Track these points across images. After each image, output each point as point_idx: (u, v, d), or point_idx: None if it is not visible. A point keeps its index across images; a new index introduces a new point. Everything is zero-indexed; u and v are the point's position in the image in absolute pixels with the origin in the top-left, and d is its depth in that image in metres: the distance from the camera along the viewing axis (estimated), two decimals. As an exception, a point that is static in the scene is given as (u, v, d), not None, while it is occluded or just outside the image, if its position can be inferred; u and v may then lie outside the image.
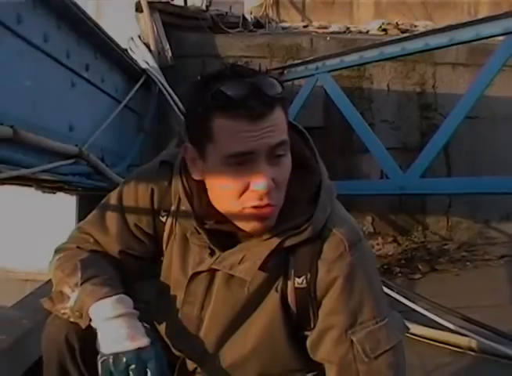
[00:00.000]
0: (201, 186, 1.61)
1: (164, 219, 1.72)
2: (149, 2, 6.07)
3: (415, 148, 6.09)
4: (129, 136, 5.21)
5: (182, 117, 5.30)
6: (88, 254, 1.74)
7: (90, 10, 5.12)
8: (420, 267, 5.53)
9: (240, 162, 1.46)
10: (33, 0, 2.93)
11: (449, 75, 6.62)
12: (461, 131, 4.79)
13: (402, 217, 6.41)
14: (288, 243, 1.56)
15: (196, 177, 1.60)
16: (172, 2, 6.91)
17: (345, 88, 5.68)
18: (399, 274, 5.44)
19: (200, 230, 1.61)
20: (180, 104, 5.35)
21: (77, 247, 1.78)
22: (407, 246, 6.22)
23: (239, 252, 1.59)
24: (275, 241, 1.55)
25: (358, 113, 5.23)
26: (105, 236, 1.76)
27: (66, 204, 5.15)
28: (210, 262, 1.63)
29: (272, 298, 1.62)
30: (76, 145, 3.57)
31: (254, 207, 1.49)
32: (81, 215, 5.12)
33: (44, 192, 3.94)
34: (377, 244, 6.16)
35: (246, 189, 1.48)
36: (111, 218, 1.77)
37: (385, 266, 5.61)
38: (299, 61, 5.88)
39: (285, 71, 5.88)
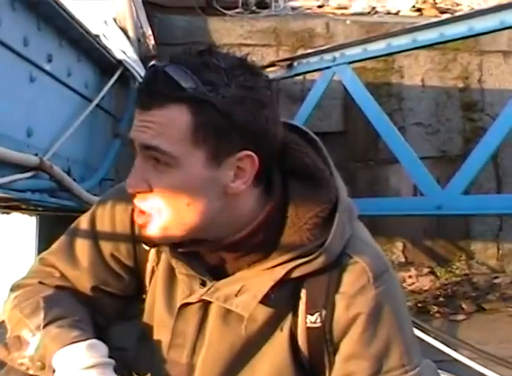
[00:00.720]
0: None
1: (147, 247, 1.71)
2: (126, -24, 6.10)
3: (456, 157, 6.14)
4: (102, 143, 5.23)
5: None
6: (53, 291, 1.72)
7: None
8: (464, 306, 5.52)
9: (135, 152, 1.54)
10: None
11: (500, 66, 6.67)
12: (513, 136, 4.78)
13: (441, 243, 6.42)
14: (296, 273, 1.55)
15: None
16: (155, -24, 6.86)
17: (369, 84, 5.71)
18: (437, 314, 5.44)
19: (177, 255, 1.63)
20: (164, 103, 5.38)
21: (40, 283, 1.76)
22: (447, 279, 6.19)
23: (237, 282, 1.59)
24: (280, 271, 1.54)
25: (386, 114, 5.23)
26: (74, 269, 1.75)
27: (23, 226, 5.15)
28: (201, 293, 1.62)
29: (279, 340, 1.61)
30: (36, 154, 3.56)
31: (133, 209, 1.63)
32: (43, 240, 5.12)
33: (-6, 212, 3.97)
34: (410, 277, 6.14)
35: None
36: (82, 247, 1.76)
37: (419, 304, 5.60)
38: (312, 50, 5.87)
39: (295, 63, 5.86)
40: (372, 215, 4.89)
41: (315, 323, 1.58)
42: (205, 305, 1.64)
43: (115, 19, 5.93)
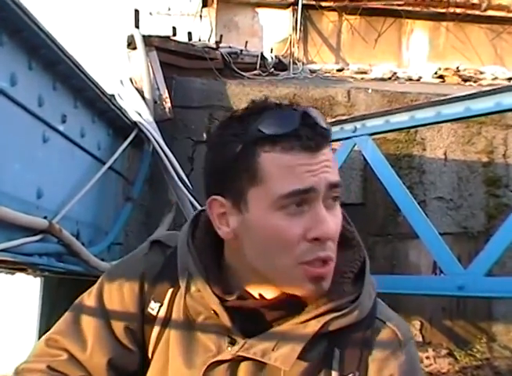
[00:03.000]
0: (219, 258, 1.65)
1: (154, 312, 1.71)
2: (144, 37, 6.20)
3: (478, 234, 6.14)
4: (113, 207, 5.27)
5: (180, 183, 5.35)
6: None
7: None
8: (484, 392, 5.49)
9: (298, 203, 1.47)
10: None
11: (525, 141, 6.71)
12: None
13: (461, 323, 6.37)
14: (332, 327, 1.57)
15: (228, 235, 1.59)
16: (173, 37, 6.97)
17: (390, 155, 5.75)
18: (456, 400, 5.39)
19: (221, 311, 1.59)
20: (179, 168, 5.40)
21: (48, 368, 1.70)
22: (467, 362, 6.13)
23: (271, 337, 1.58)
24: (315, 324, 1.56)
25: (406, 187, 5.22)
26: (83, 350, 1.71)
27: (27, 287, 5.16)
28: (235, 350, 1.59)
29: None
30: (45, 217, 3.61)
31: (310, 262, 1.49)
32: (46, 301, 5.13)
33: (-1, 272, 3.98)
34: (427, 358, 6.09)
35: (303, 238, 1.49)
36: (90, 325, 1.73)
37: (437, 388, 5.56)
38: (333, 120, 5.93)
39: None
40: (389, 292, 4.85)
41: None
42: (235, 363, 1.62)
43: (131, 80, 6.04)
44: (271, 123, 1.47)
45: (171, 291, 1.69)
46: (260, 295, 1.60)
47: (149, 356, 1.72)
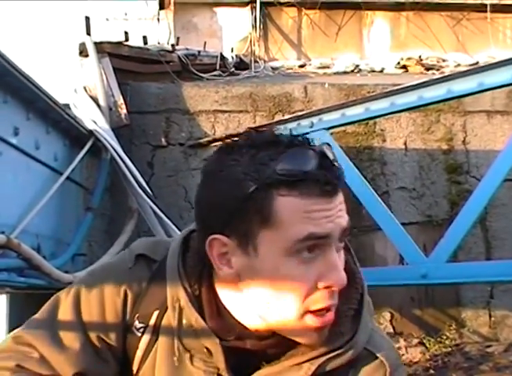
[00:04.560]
0: (214, 292, 1.59)
1: (139, 334, 1.66)
2: (96, 43, 6.17)
3: (443, 222, 6.20)
4: (74, 217, 5.27)
5: (139, 190, 5.37)
6: None
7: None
8: (456, 378, 5.52)
9: (310, 249, 1.42)
10: None
11: (484, 126, 6.78)
12: (502, 197, 4.82)
13: (430, 312, 6.44)
14: (327, 368, 1.55)
15: (229, 276, 1.52)
16: (127, 42, 6.88)
17: (350, 149, 5.80)
18: (428, 387, 5.44)
19: (216, 350, 1.55)
20: (138, 174, 5.41)
21: (17, 366, 1.64)
22: (437, 350, 6.15)
23: None
24: (309, 366, 1.54)
25: (368, 179, 5.27)
26: (58, 353, 1.65)
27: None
28: None
29: None
30: (2, 232, 3.60)
31: (317, 311, 1.45)
32: (13, 319, 5.09)
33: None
34: (398, 349, 6.06)
35: (315, 286, 1.44)
36: (66, 330, 1.68)
37: (410, 378, 5.58)
38: (290, 116, 5.94)
39: (272, 129, 5.87)
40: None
41: None
42: None
43: (85, 88, 6.02)
44: (288, 165, 1.41)
45: (156, 313, 1.65)
46: (256, 333, 1.54)
47: (133, 374, 1.69)
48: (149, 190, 5.43)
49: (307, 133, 5.44)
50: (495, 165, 4.51)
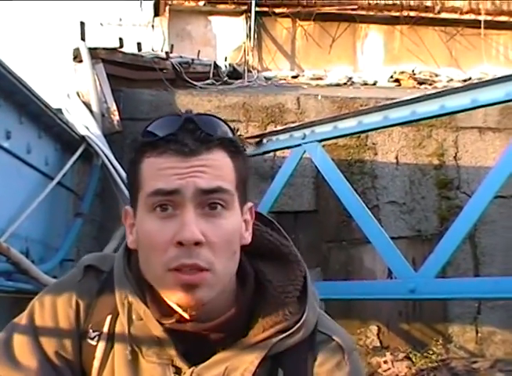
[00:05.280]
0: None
1: (94, 342, 1.66)
2: (90, 49, 6.17)
3: (432, 237, 6.23)
4: (63, 223, 5.27)
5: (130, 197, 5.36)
6: None
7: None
8: (442, 393, 5.53)
9: (164, 207, 1.48)
10: None
11: (476, 143, 6.81)
12: (492, 214, 4.83)
13: (417, 326, 6.45)
14: (280, 348, 1.59)
15: (131, 245, 1.60)
16: (121, 49, 6.90)
17: (341, 161, 5.81)
18: (414, 403, 5.43)
19: (163, 336, 1.58)
20: (129, 181, 5.41)
21: None
22: (423, 364, 6.16)
23: (218, 365, 1.58)
24: (263, 347, 1.57)
25: (359, 192, 5.28)
26: (15, 373, 1.64)
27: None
28: None
29: None
30: (-9, 236, 3.62)
31: (178, 268, 1.47)
32: (0, 323, 5.10)
33: None
34: (385, 362, 6.11)
35: (171, 243, 1.47)
36: (22, 348, 1.67)
37: (395, 392, 5.59)
38: (282, 127, 5.98)
39: (264, 140, 5.94)
40: (344, 298, 4.90)
41: None
42: None
43: (78, 93, 6.02)
44: (153, 129, 1.52)
45: (109, 317, 1.66)
46: (192, 317, 1.55)
47: None
48: (139, 197, 5.42)
49: (299, 145, 5.46)
50: (486, 182, 4.52)
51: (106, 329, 1.66)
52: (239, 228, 1.57)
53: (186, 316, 1.55)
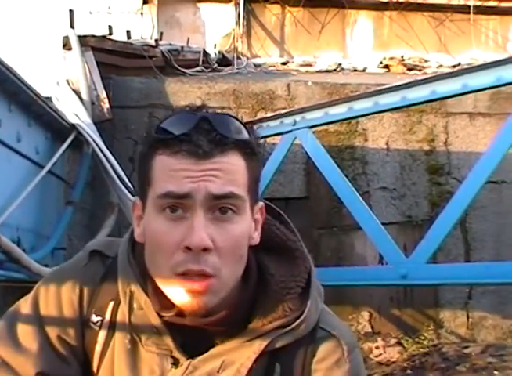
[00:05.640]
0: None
1: (96, 328, 1.67)
2: (80, 37, 6.16)
3: (423, 222, 6.25)
4: (54, 211, 5.26)
5: (121, 184, 5.37)
6: None
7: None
8: (433, 378, 5.54)
9: (174, 208, 1.47)
10: None
11: (466, 128, 6.83)
12: (482, 199, 4.84)
13: (409, 312, 6.48)
14: (278, 344, 1.59)
15: (138, 238, 1.60)
16: (110, 37, 6.89)
17: (332, 148, 5.81)
18: (405, 387, 5.45)
19: (162, 328, 1.58)
20: (119, 169, 5.40)
21: None
22: (415, 350, 6.17)
23: (215, 358, 1.59)
24: (261, 342, 1.57)
25: (349, 178, 5.28)
26: (18, 355, 1.65)
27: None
28: (178, 374, 1.59)
29: None
30: (-18, 225, 3.61)
31: (185, 274, 1.47)
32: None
33: None
34: (377, 348, 6.12)
35: (178, 246, 1.47)
36: (25, 331, 1.68)
37: (387, 377, 5.61)
38: (272, 114, 5.97)
39: (255, 126, 5.81)
40: (335, 285, 4.91)
41: None
42: None
43: (68, 81, 6.00)
44: (166, 127, 1.50)
45: (112, 303, 1.67)
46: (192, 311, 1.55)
47: (94, 371, 1.69)
48: (130, 185, 5.42)
49: (289, 131, 5.46)
50: (477, 167, 4.53)
51: (108, 315, 1.68)
52: (249, 231, 1.57)
53: (186, 310, 1.54)
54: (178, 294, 1.50)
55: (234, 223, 1.50)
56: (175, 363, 1.61)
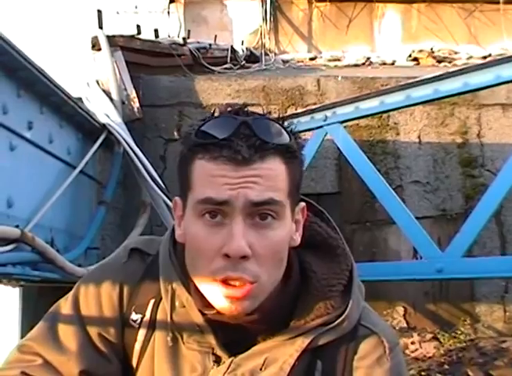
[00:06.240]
0: None
1: (136, 325, 1.69)
2: (108, 37, 6.21)
3: (457, 216, 6.20)
4: (87, 211, 5.30)
5: (152, 183, 5.38)
6: None
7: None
8: (470, 373, 5.47)
9: (213, 214, 1.46)
10: None
11: (499, 120, 6.77)
12: (517, 191, 4.79)
13: (444, 306, 6.43)
14: (320, 342, 1.59)
15: (179, 238, 1.60)
16: (139, 36, 6.93)
17: (363, 142, 5.79)
18: (443, 383, 5.42)
19: (204, 326, 1.59)
20: (151, 168, 5.41)
21: (22, 373, 1.66)
22: (451, 345, 6.13)
23: (258, 356, 1.60)
24: (303, 340, 1.58)
25: (381, 173, 5.25)
26: (60, 354, 1.67)
27: (6, 298, 5.14)
28: (221, 372, 1.60)
29: None
30: (17, 226, 3.61)
31: (224, 279, 1.47)
32: (26, 311, 5.12)
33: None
34: (412, 343, 6.11)
35: (218, 253, 1.46)
36: (67, 331, 1.69)
37: (423, 373, 5.53)
38: (303, 109, 5.93)
39: (285, 122, 5.83)
40: (369, 280, 4.88)
41: None
42: None
43: (98, 82, 6.05)
44: (207, 129, 1.49)
45: (152, 301, 1.68)
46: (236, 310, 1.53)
47: (133, 368, 1.71)
48: (162, 184, 5.44)
49: (320, 127, 5.45)
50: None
51: (148, 313, 1.69)
52: (289, 235, 1.55)
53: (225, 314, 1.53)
54: (218, 299, 1.50)
55: (274, 229, 1.49)
56: (217, 360, 1.62)
